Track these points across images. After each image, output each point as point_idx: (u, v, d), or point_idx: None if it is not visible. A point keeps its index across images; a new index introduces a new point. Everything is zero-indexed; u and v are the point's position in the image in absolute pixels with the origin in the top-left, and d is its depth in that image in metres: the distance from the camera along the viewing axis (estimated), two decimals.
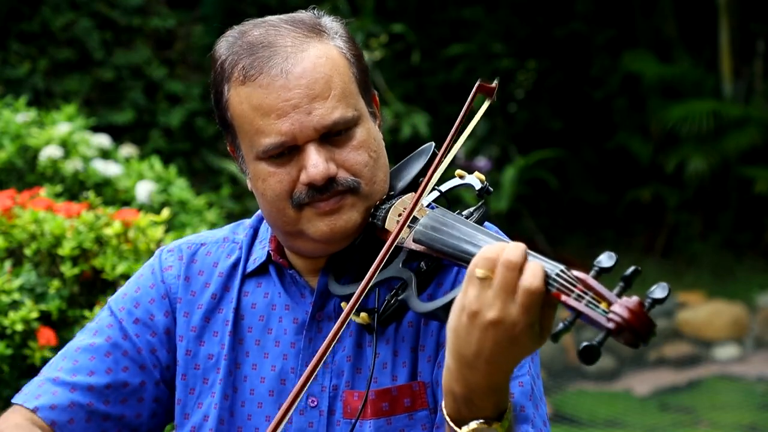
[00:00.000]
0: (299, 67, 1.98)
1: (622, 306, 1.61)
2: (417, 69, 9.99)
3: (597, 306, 1.63)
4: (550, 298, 1.67)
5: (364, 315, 1.97)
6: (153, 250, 3.43)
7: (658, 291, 1.62)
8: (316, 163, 1.97)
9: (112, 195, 4.68)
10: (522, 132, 10.48)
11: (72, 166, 4.70)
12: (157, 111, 8.84)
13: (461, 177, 2.07)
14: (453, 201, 2.11)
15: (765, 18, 10.45)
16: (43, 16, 8.66)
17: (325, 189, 1.99)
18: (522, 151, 9.94)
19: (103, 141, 5.13)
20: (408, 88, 9.93)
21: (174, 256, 2.21)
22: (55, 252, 3.45)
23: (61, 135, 4.81)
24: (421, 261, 1.96)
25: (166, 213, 3.74)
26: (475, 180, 2.05)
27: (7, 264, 3.42)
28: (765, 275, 9.69)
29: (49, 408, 2.09)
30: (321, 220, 2.01)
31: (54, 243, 3.46)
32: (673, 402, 7.80)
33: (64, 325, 3.37)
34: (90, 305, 3.42)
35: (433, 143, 2.14)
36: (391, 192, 2.09)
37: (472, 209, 2.00)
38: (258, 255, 2.17)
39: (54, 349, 3.17)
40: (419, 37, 9.70)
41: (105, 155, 5.06)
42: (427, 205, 2.02)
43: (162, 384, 2.16)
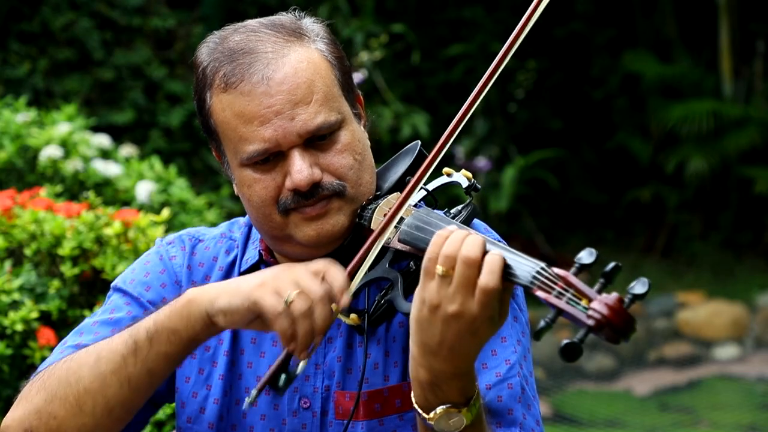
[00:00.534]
0: (280, 73, 1.97)
1: (601, 303, 1.61)
2: (417, 69, 9.98)
3: (578, 303, 1.63)
4: (506, 285, 1.71)
5: (354, 316, 1.96)
6: None
7: (638, 286, 1.62)
8: (300, 169, 1.97)
9: (112, 195, 4.68)
10: (522, 132, 10.47)
11: (72, 166, 4.70)
12: (157, 111, 8.82)
13: (449, 175, 2.07)
14: (452, 201, 2.11)
15: (765, 18, 10.44)
16: (43, 16, 8.65)
17: (311, 194, 1.99)
18: (522, 151, 9.93)
19: (103, 141, 5.13)
20: (408, 88, 9.91)
21: (176, 246, 2.21)
22: (55, 252, 3.45)
23: (61, 135, 4.81)
24: (410, 261, 1.95)
25: (166, 213, 3.75)
26: (462, 178, 2.05)
27: (7, 264, 3.42)
28: (765, 275, 9.68)
29: None
30: (308, 225, 2.01)
31: (54, 243, 3.45)
32: (673, 402, 7.79)
33: (64, 325, 3.37)
34: (90, 305, 3.42)
35: (419, 142, 2.14)
36: (378, 192, 2.08)
37: (459, 207, 2.00)
38: (250, 255, 2.17)
39: (54, 350, 3.16)
40: (419, 37, 9.68)
41: (105, 155, 5.06)
42: (414, 205, 2.00)
43: None
